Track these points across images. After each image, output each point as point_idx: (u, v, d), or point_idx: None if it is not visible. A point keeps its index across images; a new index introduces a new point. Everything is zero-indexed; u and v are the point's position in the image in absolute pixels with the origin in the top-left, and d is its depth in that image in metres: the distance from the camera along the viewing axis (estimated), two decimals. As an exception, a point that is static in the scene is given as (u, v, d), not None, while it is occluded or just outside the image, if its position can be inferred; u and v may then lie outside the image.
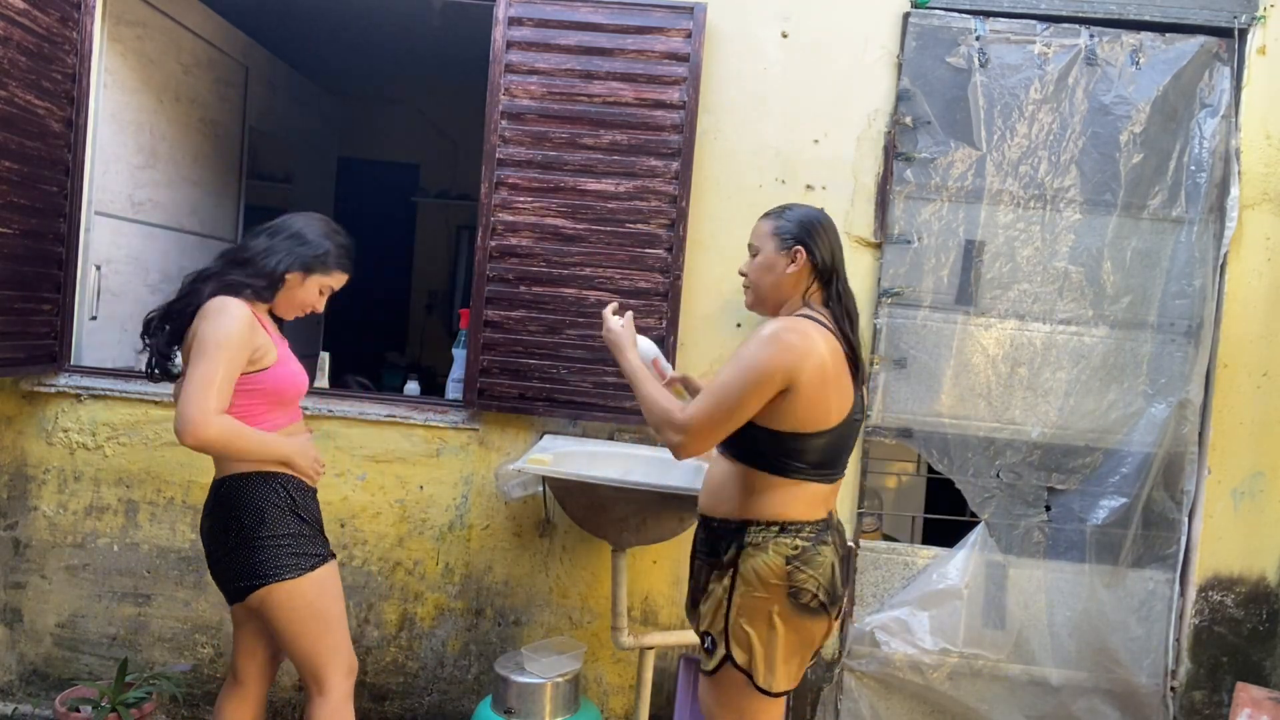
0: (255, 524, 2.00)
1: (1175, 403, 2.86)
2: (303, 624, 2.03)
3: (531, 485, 2.82)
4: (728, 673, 1.81)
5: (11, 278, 2.69)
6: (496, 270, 2.88)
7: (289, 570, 2.00)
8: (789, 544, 1.79)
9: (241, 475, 2.02)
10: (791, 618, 1.78)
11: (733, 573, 1.80)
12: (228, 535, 2.02)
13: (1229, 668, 2.92)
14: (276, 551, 2.00)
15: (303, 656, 2.06)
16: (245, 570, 2.00)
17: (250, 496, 2.01)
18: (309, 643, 2.04)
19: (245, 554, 2.00)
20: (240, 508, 2.00)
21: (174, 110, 3.68)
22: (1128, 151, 2.86)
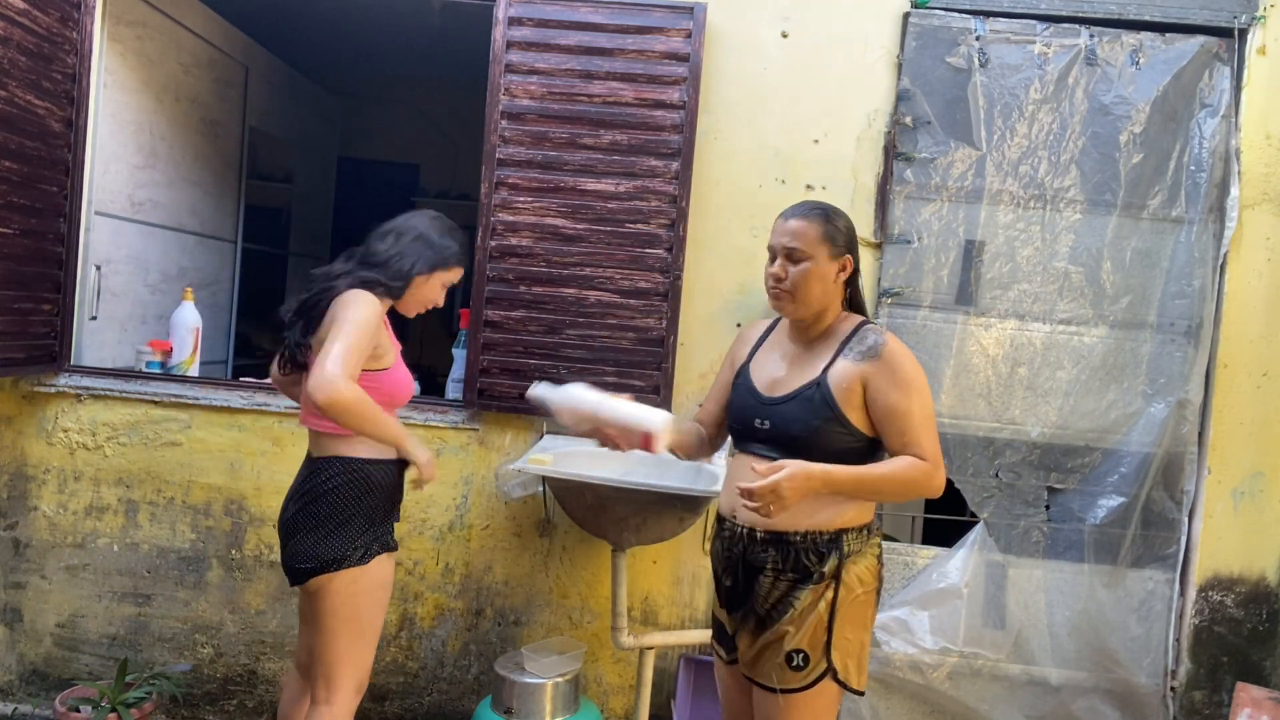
0: (346, 507, 2.03)
1: (1174, 403, 2.86)
2: (344, 622, 2.04)
3: (531, 485, 2.82)
4: (824, 687, 1.78)
5: (11, 278, 2.69)
6: (496, 270, 2.88)
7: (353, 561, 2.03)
8: (876, 544, 1.86)
9: (343, 458, 2.04)
10: (874, 616, 1.86)
11: (835, 584, 1.78)
12: (314, 515, 2.03)
13: (1229, 668, 2.92)
14: (355, 539, 2.04)
15: (329, 656, 2.05)
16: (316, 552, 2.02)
17: (350, 480, 2.04)
18: (342, 643, 2.05)
19: (323, 536, 2.02)
20: (338, 489, 2.03)
21: (174, 110, 3.68)
22: (1128, 151, 2.86)
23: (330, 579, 2.01)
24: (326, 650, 2.05)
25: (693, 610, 2.96)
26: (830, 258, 1.85)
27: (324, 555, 2.01)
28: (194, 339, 3.12)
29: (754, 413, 1.87)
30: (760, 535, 1.83)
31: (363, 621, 2.07)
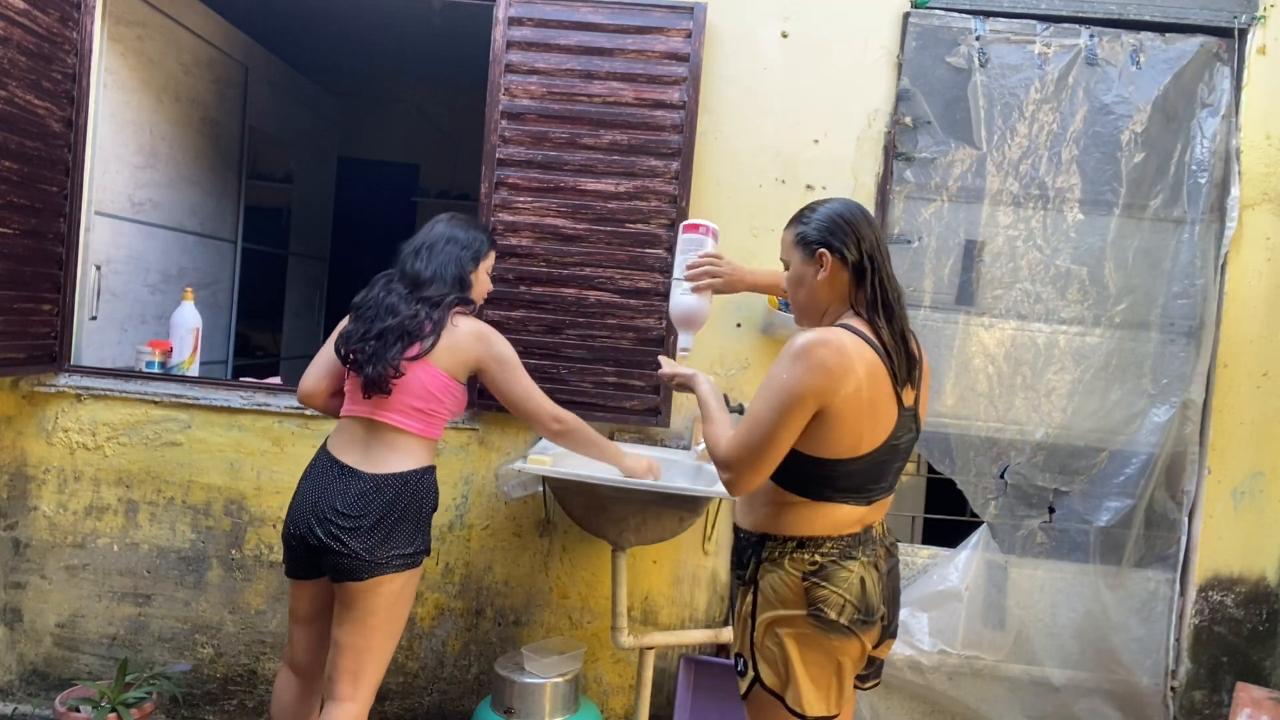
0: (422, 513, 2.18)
1: (1178, 403, 2.86)
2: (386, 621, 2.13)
3: (531, 485, 2.82)
4: (760, 695, 1.71)
5: (11, 278, 2.69)
6: (496, 270, 2.87)
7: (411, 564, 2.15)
8: (806, 559, 1.68)
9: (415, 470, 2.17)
10: (814, 636, 1.66)
11: (754, 589, 1.72)
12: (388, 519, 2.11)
13: (1229, 668, 2.92)
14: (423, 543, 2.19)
15: (364, 654, 2.11)
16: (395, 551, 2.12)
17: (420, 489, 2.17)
18: (378, 641, 2.13)
19: (403, 538, 2.13)
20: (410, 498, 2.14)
21: (174, 110, 3.68)
22: (1128, 151, 2.86)
23: (391, 579, 2.11)
24: (364, 648, 2.11)
25: (693, 610, 2.96)
26: (803, 260, 1.77)
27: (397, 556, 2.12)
28: (194, 339, 3.12)
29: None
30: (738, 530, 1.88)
31: (399, 622, 2.18)
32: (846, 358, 1.61)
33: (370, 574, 2.08)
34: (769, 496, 1.75)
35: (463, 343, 2.19)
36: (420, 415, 2.17)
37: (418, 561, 2.17)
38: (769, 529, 1.73)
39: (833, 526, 1.71)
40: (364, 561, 2.08)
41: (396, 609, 2.15)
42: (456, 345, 2.18)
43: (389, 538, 2.10)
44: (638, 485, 2.38)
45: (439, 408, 2.19)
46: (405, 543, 2.13)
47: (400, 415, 2.15)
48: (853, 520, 1.72)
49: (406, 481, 2.14)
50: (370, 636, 2.11)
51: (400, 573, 2.12)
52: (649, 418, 2.87)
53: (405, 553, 2.13)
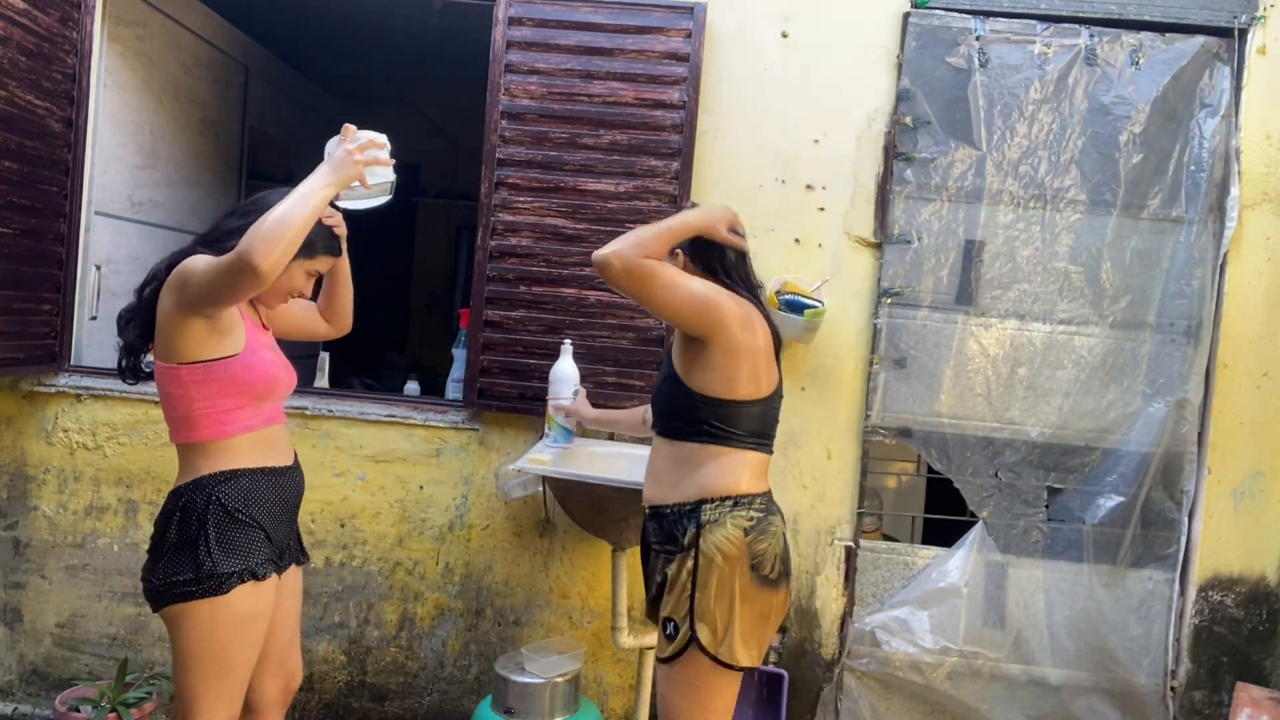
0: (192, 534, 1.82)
1: (1173, 402, 2.86)
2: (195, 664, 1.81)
3: (531, 485, 2.82)
4: (691, 656, 1.81)
5: (11, 278, 2.69)
6: (496, 270, 2.88)
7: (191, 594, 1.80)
8: (744, 516, 1.83)
9: (183, 485, 1.86)
10: (751, 590, 1.80)
11: (695, 554, 1.82)
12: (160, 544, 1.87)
13: (1229, 668, 2.92)
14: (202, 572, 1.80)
15: (178, 693, 1.85)
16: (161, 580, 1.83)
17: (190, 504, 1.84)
18: (187, 681, 1.83)
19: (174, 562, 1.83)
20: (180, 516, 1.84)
21: (174, 110, 3.68)
22: (1128, 151, 2.86)
23: (180, 610, 1.80)
24: (177, 685, 1.85)
25: (693, 610, 2.96)
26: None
27: (177, 583, 1.80)
28: (194, 339, 3.11)
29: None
30: (648, 512, 1.97)
31: (213, 664, 1.82)
32: (742, 305, 1.87)
33: (155, 604, 1.83)
34: (689, 461, 1.88)
35: (162, 312, 1.80)
36: (174, 421, 1.86)
37: (203, 591, 1.77)
38: (705, 494, 1.85)
39: (757, 482, 1.89)
40: (147, 587, 1.84)
41: (199, 646, 1.79)
42: (160, 322, 1.81)
43: (166, 562, 1.81)
44: (638, 485, 2.37)
45: (178, 402, 1.83)
46: (185, 568, 1.79)
47: (170, 428, 1.89)
48: (761, 473, 1.91)
49: (176, 497, 1.86)
50: (178, 674, 1.83)
51: (185, 603, 1.78)
52: (649, 418, 2.87)
53: (181, 579, 1.78)
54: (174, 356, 1.81)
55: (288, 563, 2.01)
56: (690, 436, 1.88)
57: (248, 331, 1.90)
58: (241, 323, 1.89)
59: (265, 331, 2.03)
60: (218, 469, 1.84)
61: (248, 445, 1.88)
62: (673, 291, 1.80)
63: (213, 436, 1.85)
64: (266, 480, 1.91)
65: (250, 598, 1.83)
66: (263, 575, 1.86)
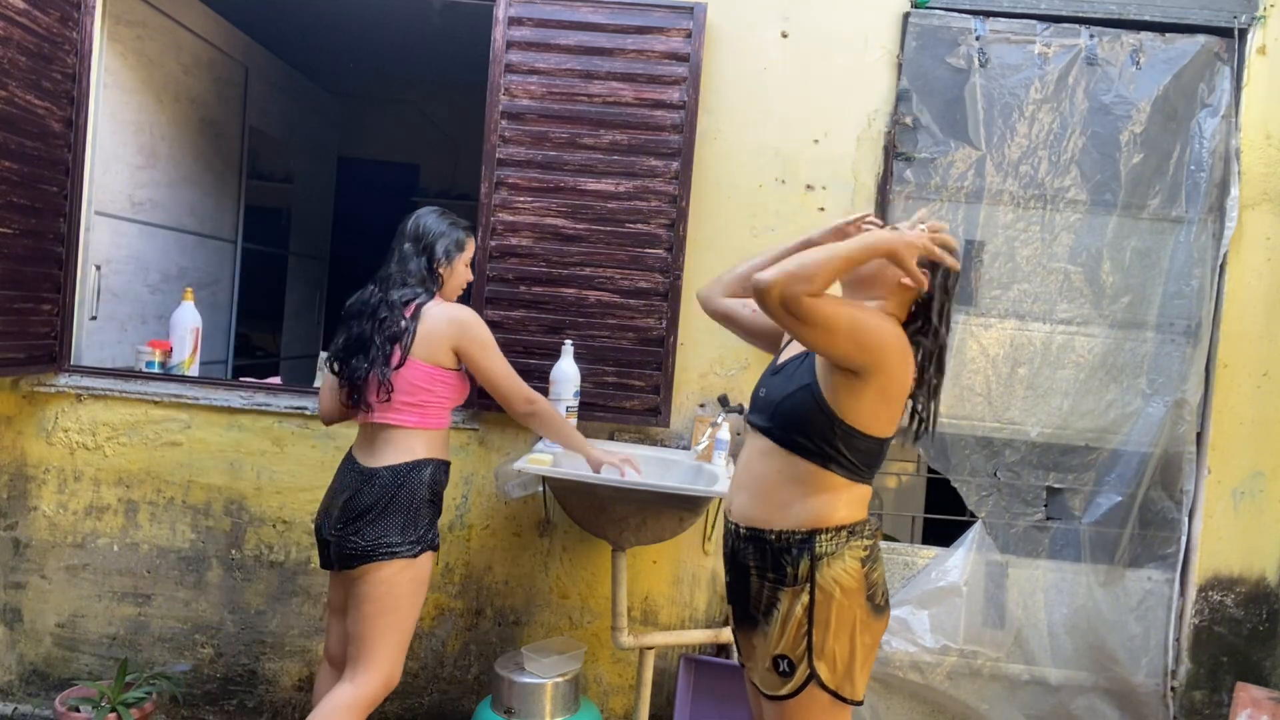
0: (407, 505, 2.20)
1: (1171, 402, 2.86)
2: (385, 614, 2.18)
3: (531, 485, 2.82)
4: (810, 694, 1.71)
5: (11, 278, 2.69)
6: (496, 270, 2.88)
7: (399, 554, 2.18)
8: (860, 545, 1.74)
9: (405, 463, 2.21)
10: (869, 620, 1.73)
11: (810, 588, 1.71)
12: (374, 509, 2.18)
13: (1229, 668, 2.92)
14: (418, 535, 2.22)
15: (360, 643, 2.18)
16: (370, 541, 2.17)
17: (410, 480, 2.21)
18: (377, 630, 2.18)
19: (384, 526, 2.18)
20: (398, 489, 2.19)
21: (174, 110, 3.68)
22: (1128, 151, 2.86)
23: (379, 566, 2.16)
24: (360, 635, 2.18)
25: (693, 610, 2.96)
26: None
27: (384, 544, 2.16)
28: (194, 339, 3.12)
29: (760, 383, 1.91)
30: (744, 531, 1.81)
31: (399, 614, 2.20)
32: (905, 344, 1.72)
33: (358, 562, 2.16)
34: (811, 485, 1.73)
35: (438, 330, 2.23)
36: (412, 409, 2.23)
37: (411, 553, 2.19)
38: (819, 523, 1.72)
39: (864, 509, 1.80)
40: (352, 549, 2.17)
41: (390, 599, 2.17)
42: (432, 334, 2.22)
43: (375, 526, 2.16)
44: (638, 485, 2.38)
45: (430, 398, 2.24)
46: (393, 531, 2.17)
47: (393, 413, 2.23)
48: (868, 501, 1.82)
49: (396, 473, 2.20)
50: (364, 624, 2.17)
51: (388, 561, 2.16)
52: (649, 418, 2.87)
53: (392, 541, 2.16)
54: (444, 362, 2.25)
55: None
56: (814, 458, 1.73)
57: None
58: None
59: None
60: (431, 455, 2.25)
61: (443, 439, 2.32)
62: (830, 333, 1.61)
63: (438, 426, 2.28)
64: (447, 471, 2.33)
65: (428, 564, 2.26)
66: (438, 548, 2.32)
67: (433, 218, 2.34)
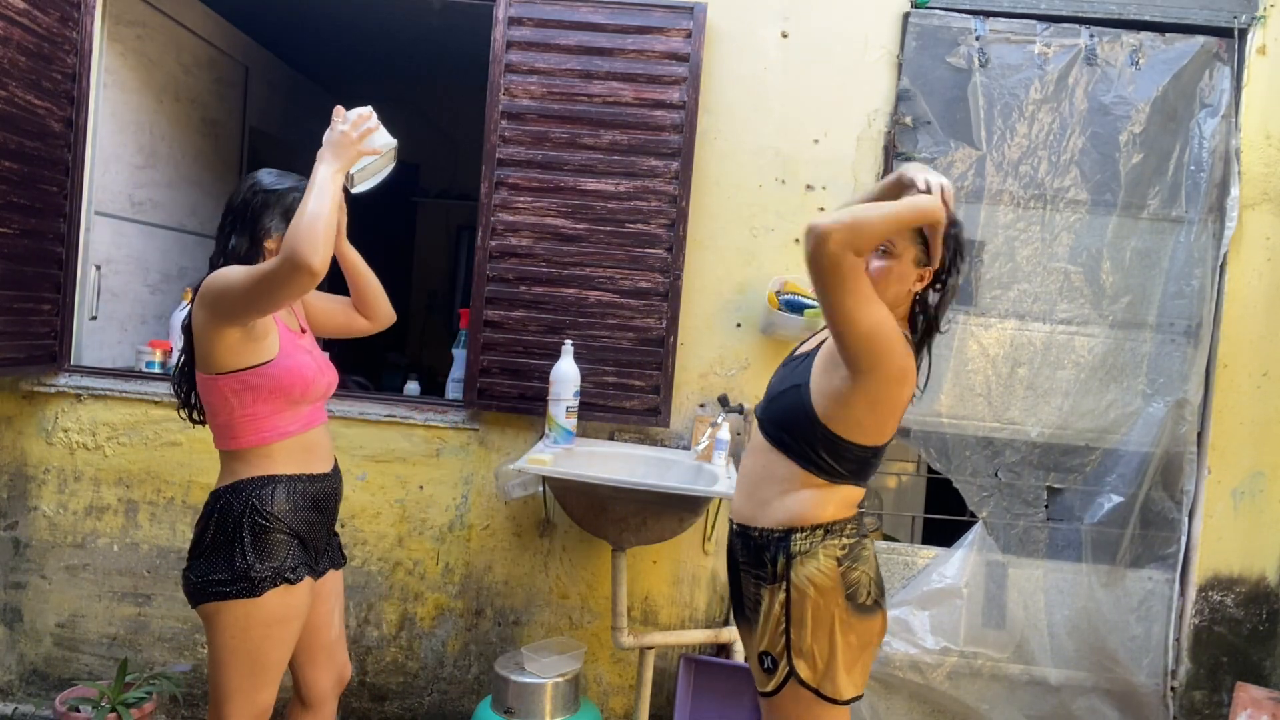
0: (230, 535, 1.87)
1: (1172, 402, 2.86)
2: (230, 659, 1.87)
3: (531, 485, 2.82)
4: (793, 690, 1.73)
5: (11, 278, 2.69)
6: (496, 270, 2.88)
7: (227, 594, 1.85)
8: (836, 544, 1.74)
9: (222, 487, 1.91)
10: (850, 620, 1.72)
11: (786, 586, 1.73)
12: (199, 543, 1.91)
13: (1229, 668, 2.92)
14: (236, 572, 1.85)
15: (213, 688, 1.90)
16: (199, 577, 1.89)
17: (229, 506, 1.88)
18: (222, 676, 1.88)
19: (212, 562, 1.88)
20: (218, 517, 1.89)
21: (174, 110, 3.68)
22: (1127, 151, 2.86)
23: (215, 608, 1.85)
24: (211, 679, 1.90)
25: (693, 610, 2.96)
26: (915, 260, 1.75)
27: (213, 582, 1.85)
28: (194, 339, 3.11)
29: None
30: (736, 528, 1.87)
31: (246, 661, 1.87)
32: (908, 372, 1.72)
33: (194, 601, 1.88)
34: (790, 484, 1.77)
35: (197, 325, 1.84)
36: (217, 429, 1.93)
37: (249, 592, 1.82)
38: (795, 521, 1.75)
39: (848, 508, 1.79)
40: (186, 586, 1.89)
41: (233, 643, 1.85)
42: (198, 335, 1.85)
43: (204, 561, 1.86)
44: (638, 485, 2.38)
45: (222, 411, 1.89)
46: (220, 568, 1.84)
47: (216, 436, 1.95)
48: (855, 500, 1.82)
49: (214, 500, 1.90)
50: (212, 670, 1.88)
51: (219, 602, 1.83)
52: (649, 418, 2.87)
53: (219, 579, 1.83)
54: (212, 367, 1.85)
55: (325, 566, 2.06)
56: (796, 457, 1.76)
57: (281, 336, 1.92)
58: (275, 328, 1.91)
59: (303, 334, 2.06)
60: (255, 474, 1.89)
61: (286, 452, 1.92)
62: (860, 308, 1.60)
63: (253, 444, 1.89)
64: (301, 487, 1.94)
65: (283, 600, 1.87)
66: (295, 579, 1.89)
67: (269, 177, 1.95)
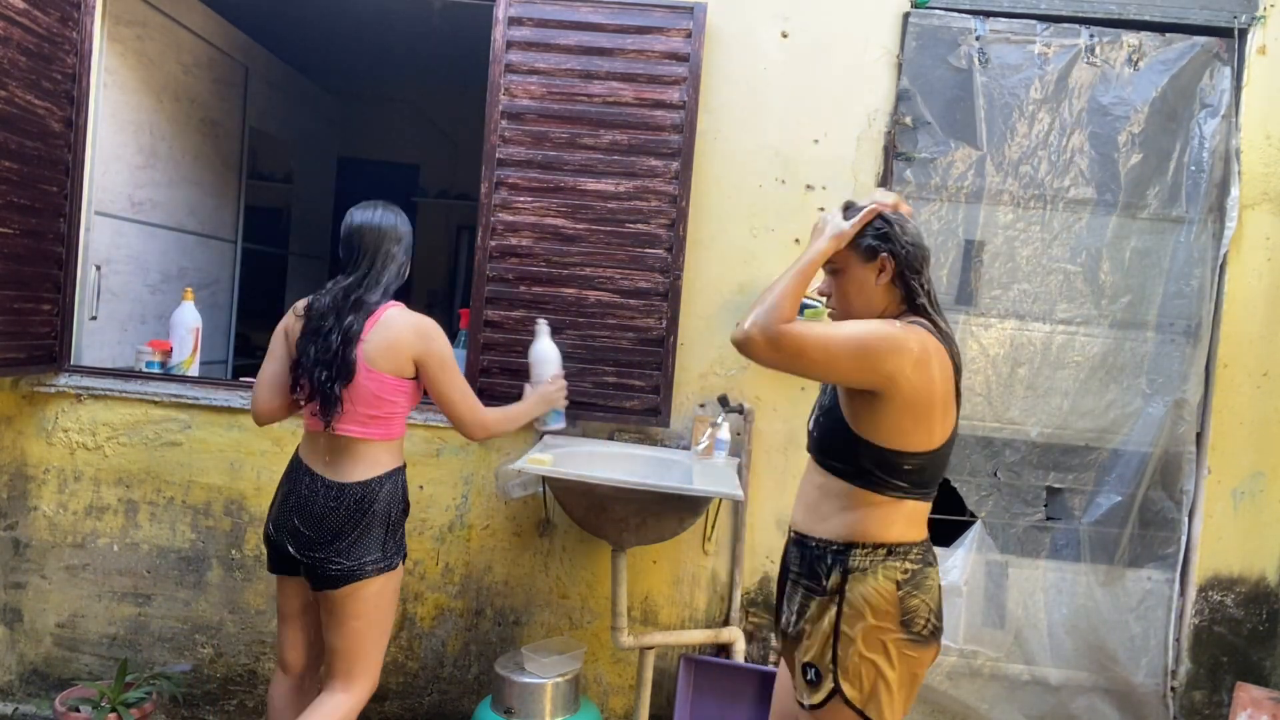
0: (385, 519, 2.16)
1: (1171, 402, 2.86)
2: (373, 626, 2.17)
3: (531, 485, 2.83)
4: (836, 708, 1.67)
5: (11, 278, 2.69)
6: (496, 270, 2.88)
7: (385, 568, 2.16)
8: (898, 567, 1.67)
9: (377, 478, 2.15)
10: (904, 648, 1.66)
11: (839, 600, 1.67)
12: (355, 527, 2.12)
13: (1229, 668, 2.92)
14: (395, 545, 2.19)
15: (352, 657, 2.16)
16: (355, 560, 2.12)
17: (385, 494, 2.16)
18: (367, 642, 2.17)
19: (367, 544, 2.13)
20: (375, 504, 2.14)
21: (174, 110, 3.68)
22: (1127, 151, 2.86)
23: (366, 583, 2.12)
24: (351, 650, 2.15)
25: (693, 610, 2.96)
26: (861, 262, 1.73)
27: (369, 562, 2.13)
28: (194, 339, 3.12)
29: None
30: (793, 536, 1.83)
31: (385, 623, 2.21)
32: (927, 352, 1.64)
33: (344, 581, 2.11)
34: (848, 500, 1.71)
35: (402, 340, 2.13)
36: (375, 421, 2.14)
37: (393, 565, 2.17)
38: (855, 537, 1.69)
39: (914, 530, 1.71)
40: (336, 570, 2.11)
41: (379, 611, 2.17)
42: (396, 344, 2.13)
43: (357, 544, 2.11)
44: (638, 485, 2.38)
45: (393, 409, 2.16)
46: (375, 547, 2.13)
47: (356, 425, 2.13)
48: (921, 520, 1.73)
49: (370, 488, 2.13)
50: (355, 639, 2.15)
51: (374, 577, 2.13)
52: (649, 418, 2.87)
53: (375, 557, 2.13)
54: (405, 372, 2.15)
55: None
56: (847, 478, 1.71)
57: None
58: None
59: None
60: (396, 465, 2.20)
61: (402, 446, 2.26)
62: (829, 356, 1.60)
63: (399, 435, 2.21)
64: (405, 477, 2.27)
65: (402, 570, 2.25)
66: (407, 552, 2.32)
67: (403, 218, 2.26)
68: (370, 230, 2.19)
